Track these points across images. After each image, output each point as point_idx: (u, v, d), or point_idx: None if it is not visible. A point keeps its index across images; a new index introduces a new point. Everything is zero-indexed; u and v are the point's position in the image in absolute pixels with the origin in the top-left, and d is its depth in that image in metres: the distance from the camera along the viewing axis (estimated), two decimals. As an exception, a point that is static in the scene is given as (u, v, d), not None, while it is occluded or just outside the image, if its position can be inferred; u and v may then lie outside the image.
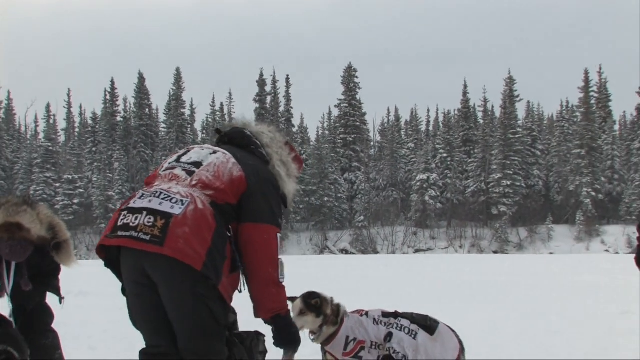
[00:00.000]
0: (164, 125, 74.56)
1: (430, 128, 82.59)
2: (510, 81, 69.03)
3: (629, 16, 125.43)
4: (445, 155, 69.04)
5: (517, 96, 69.25)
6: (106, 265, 3.86)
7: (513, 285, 18.54)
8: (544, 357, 7.64)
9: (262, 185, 3.89)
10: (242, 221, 3.80)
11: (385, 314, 4.76)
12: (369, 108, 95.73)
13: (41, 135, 77.42)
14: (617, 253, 50.22)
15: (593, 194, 63.43)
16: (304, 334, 4.64)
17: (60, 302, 5.79)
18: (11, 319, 5.46)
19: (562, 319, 11.24)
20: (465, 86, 72.96)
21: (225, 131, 4.32)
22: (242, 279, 3.86)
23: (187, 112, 74.21)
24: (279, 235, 3.90)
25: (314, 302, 4.69)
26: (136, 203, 3.68)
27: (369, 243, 64.00)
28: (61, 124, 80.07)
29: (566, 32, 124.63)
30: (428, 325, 4.73)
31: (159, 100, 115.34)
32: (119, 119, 73.56)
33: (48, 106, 78.16)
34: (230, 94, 76.00)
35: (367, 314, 4.74)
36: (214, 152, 3.97)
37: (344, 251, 61.76)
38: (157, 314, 3.66)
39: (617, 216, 62.84)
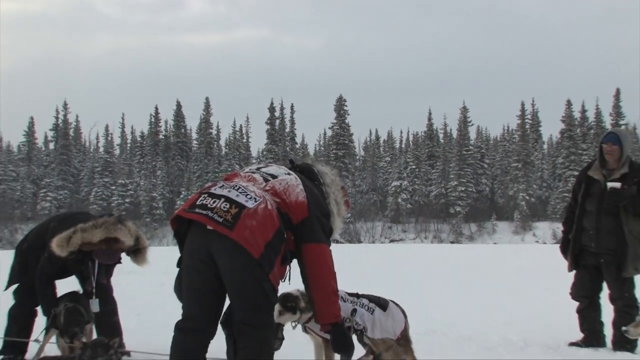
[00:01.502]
0: (195, 142, 74.05)
1: (403, 145, 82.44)
2: (464, 110, 69.08)
3: (555, 56, 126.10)
4: (414, 166, 69.00)
5: (470, 121, 69.36)
6: (175, 235, 3.68)
7: (465, 268, 18.58)
8: (486, 322, 7.61)
9: (320, 214, 3.76)
10: (305, 242, 3.66)
11: (350, 294, 4.73)
12: (355, 129, 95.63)
13: (101, 149, 77.11)
14: (544, 243, 50.12)
15: (527, 197, 63.45)
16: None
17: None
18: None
19: (501, 294, 11.29)
20: (430, 113, 72.73)
21: (297, 163, 4.18)
22: (288, 270, 3.72)
23: (214, 131, 73.79)
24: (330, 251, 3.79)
25: (290, 305, 4.61)
26: (216, 190, 3.55)
27: (354, 234, 63.89)
28: (117, 140, 79.73)
29: (507, 69, 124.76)
30: (381, 303, 4.71)
31: (192, 122, 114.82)
32: (160, 136, 73.28)
33: (107, 127, 77.84)
34: (247, 117, 75.50)
35: None
36: (289, 174, 3.83)
37: (335, 240, 61.34)
38: (206, 289, 3.49)
39: (545, 215, 62.75)
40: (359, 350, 4.14)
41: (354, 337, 4.56)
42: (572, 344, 6.19)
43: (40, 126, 71.97)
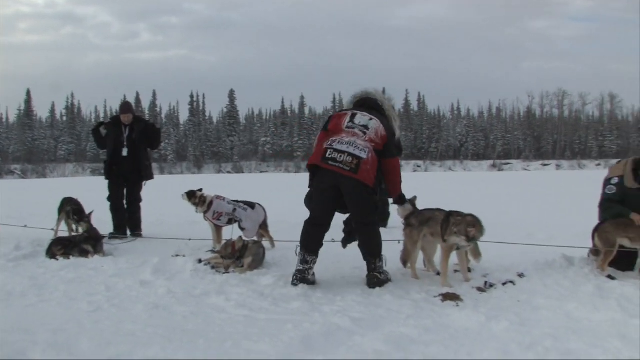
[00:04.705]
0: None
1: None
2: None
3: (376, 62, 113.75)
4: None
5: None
6: (308, 169, 3.35)
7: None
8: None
9: (391, 136, 3.38)
10: (385, 158, 3.30)
11: (234, 200, 4.58)
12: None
13: (93, 122, 67.69)
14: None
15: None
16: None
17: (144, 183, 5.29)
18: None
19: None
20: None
21: (362, 98, 3.53)
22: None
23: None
24: (400, 160, 3.47)
25: (184, 195, 4.55)
26: (338, 146, 3.21)
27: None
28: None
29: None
30: (252, 204, 4.56)
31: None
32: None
33: (95, 107, 67.89)
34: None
35: (224, 199, 4.53)
36: (371, 119, 3.33)
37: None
38: (328, 203, 3.29)
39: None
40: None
41: (236, 225, 4.44)
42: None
43: (59, 108, 62.85)
